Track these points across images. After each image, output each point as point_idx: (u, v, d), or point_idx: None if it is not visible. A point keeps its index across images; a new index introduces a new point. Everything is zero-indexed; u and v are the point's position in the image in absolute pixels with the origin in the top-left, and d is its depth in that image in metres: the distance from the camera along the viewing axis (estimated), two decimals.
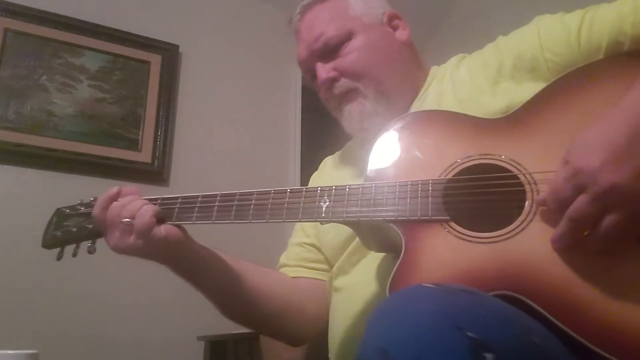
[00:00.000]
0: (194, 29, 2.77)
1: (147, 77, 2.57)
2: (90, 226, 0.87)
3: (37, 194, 2.23)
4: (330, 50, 0.99)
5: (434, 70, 1.05)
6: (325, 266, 1.04)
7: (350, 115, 0.98)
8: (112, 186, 1.04)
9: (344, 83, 0.98)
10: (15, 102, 2.27)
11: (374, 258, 0.87)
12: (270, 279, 1.00)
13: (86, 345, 2.13)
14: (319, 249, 1.05)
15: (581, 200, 0.60)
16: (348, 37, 0.99)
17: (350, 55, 0.98)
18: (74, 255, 0.88)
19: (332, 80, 0.98)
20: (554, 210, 0.63)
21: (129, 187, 0.86)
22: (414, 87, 1.00)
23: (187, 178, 2.52)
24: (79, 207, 0.90)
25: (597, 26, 0.80)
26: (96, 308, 2.20)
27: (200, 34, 2.79)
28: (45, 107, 2.32)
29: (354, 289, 0.90)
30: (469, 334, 0.47)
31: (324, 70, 0.98)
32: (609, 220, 0.59)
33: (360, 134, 0.97)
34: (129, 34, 2.56)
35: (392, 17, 1.05)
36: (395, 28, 1.05)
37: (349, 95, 0.98)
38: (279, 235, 2.48)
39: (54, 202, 2.47)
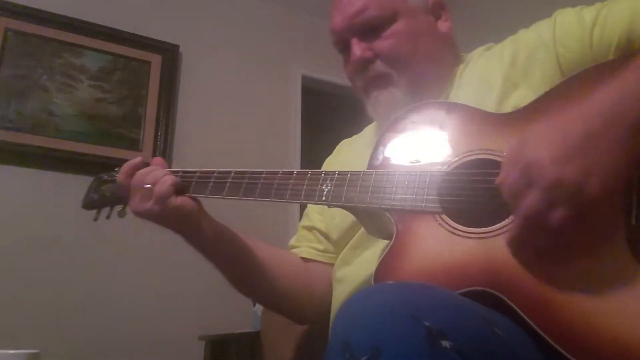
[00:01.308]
0: (194, 29, 2.78)
1: (147, 77, 2.57)
2: (120, 193, 0.94)
3: (37, 194, 2.24)
4: (370, 29, 0.93)
5: (463, 58, 1.01)
6: (329, 248, 1.05)
7: (378, 102, 0.94)
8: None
9: (378, 66, 0.94)
10: (15, 102, 2.27)
11: (377, 251, 0.87)
12: (281, 257, 1.02)
13: (87, 345, 2.13)
14: (324, 234, 1.06)
15: (531, 196, 0.58)
16: (392, 18, 0.93)
17: (391, 40, 0.93)
18: (108, 217, 0.98)
19: (367, 61, 0.94)
20: (508, 202, 0.62)
21: (157, 157, 0.93)
22: (447, 80, 0.97)
23: None
24: (114, 174, 0.96)
25: (610, 23, 0.78)
26: (97, 308, 2.20)
27: (200, 34, 2.79)
28: (46, 107, 2.33)
29: (355, 282, 0.91)
30: (426, 322, 0.48)
31: (359, 48, 0.93)
32: (553, 214, 0.57)
33: (384, 123, 0.93)
34: (129, 34, 2.56)
35: (437, 5, 1.00)
36: (437, 17, 0.99)
37: (380, 80, 0.94)
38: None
39: (54, 202, 2.48)
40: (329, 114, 3.67)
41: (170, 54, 2.64)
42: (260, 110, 2.88)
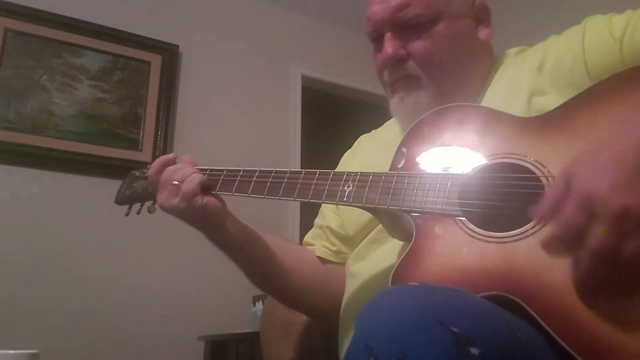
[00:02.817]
0: (194, 29, 2.78)
1: (147, 77, 2.58)
2: (151, 188, 0.96)
3: (37, 194, 2.24)
4: (409, 26, 0.90)
5: (496, 61, 0.98)
6: (341, 248, 1.06)
7: (403, 103, 0.92)
8: (112, 186, 1.07)
9: (410, 67, 0.91)
10: (15, 102, 2.27)
11: (393, 248, 0.87)
12: (299, 256, 1.04)
13: (86, 345, 2.13)
14: (336, 233, 1.07)
15: (598, 231, 0.53)
16: (434, 20, 0.90)
17: (429, 42, 0.90)
18: (138, 212, 1.00)
19: (399, 60, 0.91)
20: (567, 242, 0.57)
21: (186, 155, 0.94)
22: (480, 85, 0.95)
23: None
24: (146, 171, 0.99)
25: None
26: (96, 308, 2.20)
27: (200, 34, 2.79)
28: (46, 107, 2.33)
29: (369, 277, 0.91)
30: (453, 328, 0.47)
31: (392, 46, 0.90)
32: (626, 247, 0.53)
33: (406, 124, 0.91)
34: (129, 34, 2.56)
35: (480, 10, 0.96)
36: (479, 22, 0.96)
37: (408, 81, 0.92)
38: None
39: (54, 202, 2.48)
40: (329, 114, 3.67)
41: (170, 54, 2.64)
42: (260, 110, 2.88)
